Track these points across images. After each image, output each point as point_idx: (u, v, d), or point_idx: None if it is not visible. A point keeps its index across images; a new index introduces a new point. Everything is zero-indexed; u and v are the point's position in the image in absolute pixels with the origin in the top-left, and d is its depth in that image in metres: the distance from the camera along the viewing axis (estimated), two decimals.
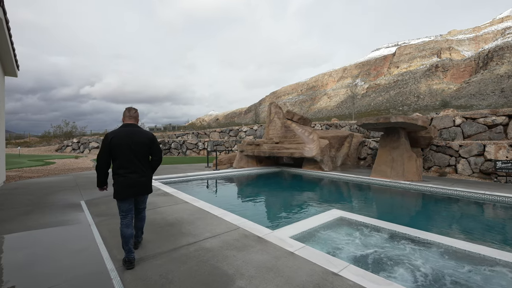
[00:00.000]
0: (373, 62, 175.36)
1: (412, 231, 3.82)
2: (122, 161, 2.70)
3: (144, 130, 2.99)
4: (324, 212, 4.89)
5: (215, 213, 4.49)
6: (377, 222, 4.24)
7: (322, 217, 4.53)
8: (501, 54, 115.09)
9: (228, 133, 22.11)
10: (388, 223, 4.17)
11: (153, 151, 2.93)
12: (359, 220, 4.39)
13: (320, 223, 4.23)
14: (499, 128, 9.94)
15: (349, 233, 4.06)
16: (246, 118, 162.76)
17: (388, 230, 3.96)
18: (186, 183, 8.51)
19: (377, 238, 3.81)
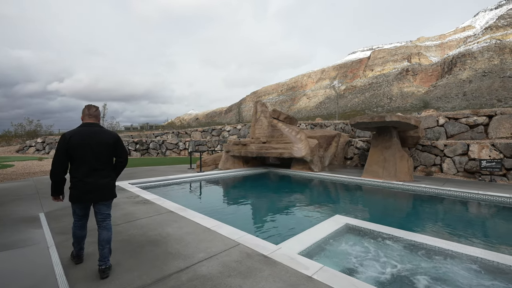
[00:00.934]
0: (349, 64, 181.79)
1: (432, 240, 3.45)
2: (81, 163, 2.49)
3: (107, 130, 2.78)
4: (327, 219, 4.41)
5: (207, 225, 3.83)
6: (389, 230, 3.83)
7: (327, 226, 4.05)
8: (463, 61, 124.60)
9: (210, 132, 21.21)
10: (402, 231, 3.78)
11: (118, 153, 2.72)
12: (368, 228, 3.97)
13: (327, 234, 3.74)
14: (480, 128, 10.24)
15: (361, 245, 3.61)
16: (227, 117, 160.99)
17: (404, 240, 3.56)
18: (168, 187, 7.67)
19: (396, 251, 3.38)
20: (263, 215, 5.34)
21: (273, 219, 5.05)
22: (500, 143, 8.81)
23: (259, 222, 4.90)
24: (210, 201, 6.31)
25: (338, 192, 7.79)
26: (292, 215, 5.36)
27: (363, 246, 3.55)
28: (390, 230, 3.83)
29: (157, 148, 18.86)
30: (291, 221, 4.94)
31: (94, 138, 2.54)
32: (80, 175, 2.48)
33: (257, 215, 5.34)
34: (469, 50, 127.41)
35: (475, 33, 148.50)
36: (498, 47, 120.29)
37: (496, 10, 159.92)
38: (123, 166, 2.82)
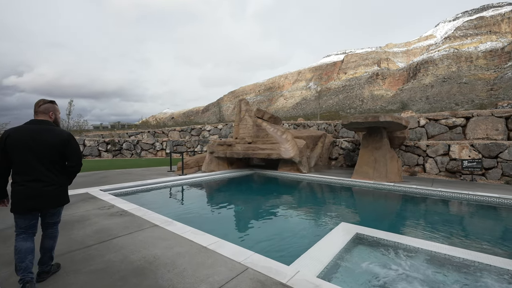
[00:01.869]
0: (324, 67, 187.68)
1: (461, 252, 3.14)
2: (20, 166, 2.26)
3: (58, 128, 2.48)
4: (334, 228, 3.99)
5: (202, 243, 3.19)
6: (406, 239, 3.50)
7: (338, 237, 3.62)
8: (426, 67, 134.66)
9: (189, 132, 20.14)
10: (419, 240, 3.47)
11: (68, 156, 2.45)
12: (382, 238, 3.60)
13: (339, 247, 3.29)
14: (459, 129, 10.64)
15: (380, 259, 3.21)
16: (204, 117, 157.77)
17: (425, 251, 3.23)
18: (148, 193, 6.80)
19: (422, 266, 3.02)
20: (260, 225, 4.79)
21: (273, 229, 4.53)
22: (479, 144, 9.16)
23: (258, 234, 4.34)
24: (199, 210, 5.62)
25: (332, 195, 7.49)
26: (292, 223, 4.88)
27: (382, 261, 3.16)
28: (407, 240, 3.50)
29: (131, 149, 17.41)
30: (293, 231, 4.45)
31: (36, 138, 2.26)
32: (20, 179, 2.25)
33: (254, 225, 4.77)
34: (431, 57, 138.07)
35: (436, 42, 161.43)
36: (456, 56, 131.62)
37: (453, 22, 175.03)
38: (75, 172, 2.56)
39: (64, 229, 3.58)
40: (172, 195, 6.93)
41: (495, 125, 9.81)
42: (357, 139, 12.51)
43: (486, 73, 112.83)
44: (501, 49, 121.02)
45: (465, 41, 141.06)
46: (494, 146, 8.82)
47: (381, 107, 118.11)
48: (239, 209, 5.73)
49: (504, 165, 8.60)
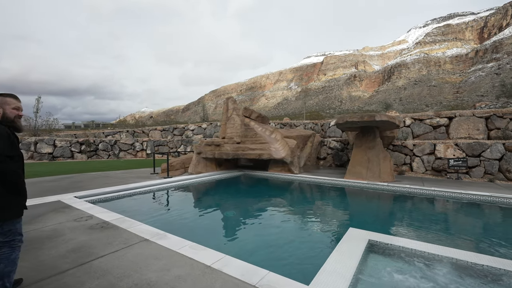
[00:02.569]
0: (305, 68, 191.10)
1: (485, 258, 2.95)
2: None
3: None
4: (344, 235, 3.69)
5: (205, 261, 2.72)
6: (425, 246, 3.27)
7: (351, 246, 3.31)
8: (400, 70, 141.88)
9: (172, 131, 19.17)
10: (439, 247, 3.25)
11: None
12: (397, 245, 3.34)
13: (357, 258, 2.97)
14: (442, 128, 10.96)
15: (401, 270, 2.95)
16: (185, 116, 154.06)
17: (448, 258, 3.01)
18: (131, 200, 6.11)
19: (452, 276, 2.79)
20: (261, 233, 4.37)
21: (277, 237, 4.13)
22: (463, 143, 9.45)
23: (261, 244, 3.92)
24: (192, 218, 5.08)
25: (329, 197, 7.27)
26: (295, 230, 4.53)
27: (404, 272, 2.89)
28: (424, 246, 3.27)
29: (108, 149, 16.17)
30: (298, 239, 4.10)
31: None
32: None
33: (254, 234, 4.35)
34: (403, 61, 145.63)
35: (408, 46, 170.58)
36: (426, 60, 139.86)
37: (424, 28, 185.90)
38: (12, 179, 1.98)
39: (30, 249, 2.94)
40: (159, 201, 6.31)
41: (476, 125, 10.21)
42: (346, 139, 12.52)
43: (452, 77, 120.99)
44: (465, 55, 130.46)
45: (434, 46, 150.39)
46: (477, 145, 9.13)
47: (359, 107, 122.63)
48: (235, 216, 5.28)
49: (486, 164, 8.92)
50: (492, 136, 9.86)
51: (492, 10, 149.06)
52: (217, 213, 5.46)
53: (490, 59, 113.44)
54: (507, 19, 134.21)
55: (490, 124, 9.99)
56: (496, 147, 8.81)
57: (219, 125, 18.35)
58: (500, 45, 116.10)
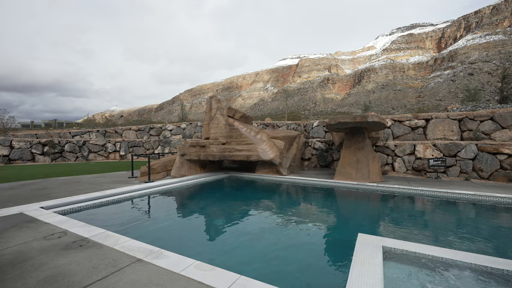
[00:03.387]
0: (281, 70, 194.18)
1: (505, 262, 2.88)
2: None
3: None
4: (357, 243, 3.46)
5: (218, 285, 2.30)
6: (441, 251, 3.16)
7: (368, 257, 3.08)
8: (369, 75, 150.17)
9: (148, 131, 17.98)
10: (453, 251, 3.16)
11: None
12: (413, 251, 3.20)
13: (379, 271, 2.75)
14: (420, 130, 11.48)
15: (426, 280, 2.78)
16: (158, 115, 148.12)
17: (469, 265, 2.91)
18: (110, 208, 5.38)
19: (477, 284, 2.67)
20: (268, 243, 4.01)
21: (284, 248, 3.79)
22: (440, 144, 9.93)
23: (272, 257, 3.55)
24: (185, 228, 4.55)
25: (322, 199, 7.12)
26: (300, 238, 4.23)
27: (430, 282, 2.72)
28: (440, 251, 3.15)
29: (75, 151, 14.64)
30: (308, 250, 3.81)
31: None
32: None
33: (261, 245, 3.98)
34: (372, 66, 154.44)
35: (376, 53, 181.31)
36: (392, 66, 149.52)
37: (390, 36, 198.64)
38: None
39: None
40: (144, 209, 5.65)
41: (450, 126, 10.83)
42: (330, 140, 12.62)
43: (415, 82, 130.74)
44: (426, 62, 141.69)
45: (399, 53, 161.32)
46: (453, 146, 9.64)
47: (332, 109, 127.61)
48: (231, 223, 4.86)
49: (462, 163, 9.45)
50: (465, 137, 10.52)
51: (448, 22, 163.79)
52: (211, 221, 5.00)
53: (447, 67, 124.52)
54: (460, 31, 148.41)
55: (463, 126, 10.66)
56: (470, 147, 9.37)
57: (199, 125, 17.62)
58: (455, 55, 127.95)
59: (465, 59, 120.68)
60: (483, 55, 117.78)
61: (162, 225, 4.60)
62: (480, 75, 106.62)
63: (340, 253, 3.69)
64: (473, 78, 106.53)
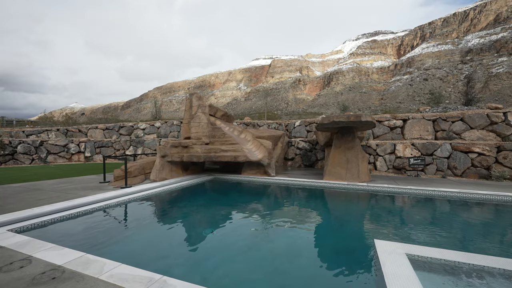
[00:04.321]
0: (254, 69, 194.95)
1: None
2: None
3: None
4: (379, 252, 3.21)
5: None
6: (468, 257, 3.02)
7: (397, 267, 2.85)
8: (337, 77, 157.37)
9: (117, 130, 16.39)
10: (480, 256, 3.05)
11: None
12: (437, 257, 3.03)
13: (417, 285, 2.52)
14: (398, 130, 11.95)
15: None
16: (125, 113, 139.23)
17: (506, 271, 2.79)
18: (83, 221, 4.51)
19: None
20: (271, 256, 3.58)
21: (296, 258, 3.42)
22: (418, 143, 10.39)
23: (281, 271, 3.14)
24: (182, 244, 3.92)
25: (318, 201, 6.90)
26: (309, 246, 3.88)
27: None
28: (467, 257, 3.02)
29: (31, 152, 12.73)
30: (323, 262, 3.47)
31: None
32: None
33: (266, 259, 3.54)
34: (340, 69, 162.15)
35: (344, 56, 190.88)
36: (358, 70, 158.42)
37: (356, 41, 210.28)
38: None
39: None
40: (127, 221, 4.86)
41: (426, 126, 11.42)
42: (314, 139, 12.60)
43: (378, 86, 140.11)
44: (387, 67, 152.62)
45: (364, 58, 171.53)
46: (430, 145, 10.14)
47: (303, 109, 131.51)
48: (228, 233, 4.36)
49: (438, 162, 9.97)
50: (439, 137, 11.16)
51: (407, 31, 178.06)
52: (206, 232, 4.43)
53: (405, 72, 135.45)
54: (417, 40, 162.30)
55: (436, 126, 11.30)
56: (445, 146, 9.92)
57: (175, 124, 16.56)
58: (412, 61, 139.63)
59: (421, 65, 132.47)
60: (436, 62, 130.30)
61: (154, 239, 3.94)
62: (433, 81, 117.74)
63: (362, 263, 3.40)
64: (427, 83, 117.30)
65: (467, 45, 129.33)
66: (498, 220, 5.34)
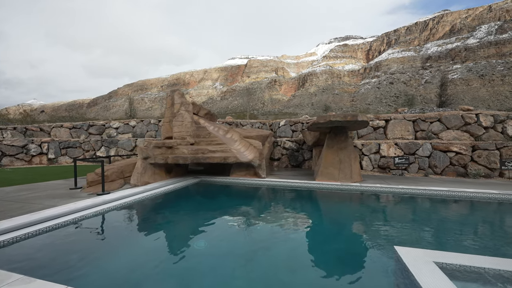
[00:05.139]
0: (230, 69, 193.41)
1: None
2: None
3: None
4: (405, 260, 2.99)
5: None
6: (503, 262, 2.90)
7: (432, 279, 2.63)
8: (311, 79, 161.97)
9: (86, 129, 14.79)
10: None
11: None
12: (468, 265, 2.88)
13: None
14: (381, 130, 12.27)
15: None
16: (91, 111, 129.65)
17: None
18: (53, 238, 3.72)
19: None
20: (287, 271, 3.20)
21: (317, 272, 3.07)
22: (401, 143, 10.71)
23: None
24: (173, 259, 3.37)
25: (319, 204, 6.67)
26: (323, 256, 3.56)
27: None
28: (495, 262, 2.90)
29: None
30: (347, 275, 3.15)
31: None
32: None
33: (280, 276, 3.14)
34: (314, 71, 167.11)
35: (317, 59, 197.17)
36: (330, 72, 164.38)
37: (329, 45, 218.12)
38: None
39: None
40: (110, 237, 4.13)
41: (406, 127, 11.85)
42: (300, 139, 12.46)
43: (349, 88, 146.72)
44: (357, 70, 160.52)
45: (336, 61, 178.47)
46: (412, 145, 10.49)
47: (279, 110, 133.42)
48: (226, 247, 3.89)
49: (419, 161, 10.35)
50: (418, 137, 11.64)
51: (375, 37, 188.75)
52: (202, 246, 3.91)
53: (374, 76, 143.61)
54: (383, 46, 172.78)
55: (416, 126, 11.78)
56: (426, 146, 10.33)
57: (152, 122, 15.45)
58: (379, 65, 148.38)
59: (387, 69, 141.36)
60: (400, 67, 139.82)
61: (142, 261, 3.32)
62: (398, 84, 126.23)
63: (386, 274, 3.13)
64: (393, 86, 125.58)
65: (427, 52, 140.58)
66: (486, 217, 5.51)
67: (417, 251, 3.19)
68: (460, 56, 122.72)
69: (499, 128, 10.60)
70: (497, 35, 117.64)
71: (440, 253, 3.11)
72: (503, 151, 9.49)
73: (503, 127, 10.57)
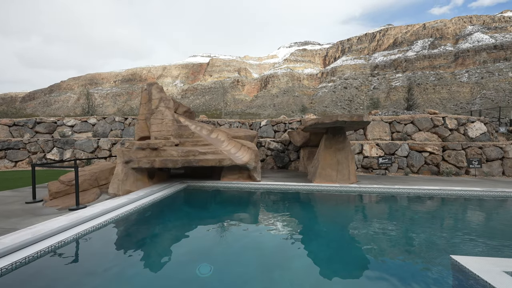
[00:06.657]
0: (191, 66, 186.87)
1: None
2: None
3: None
4: (480, 275, 2.76)
5: None
6: None
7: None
8: (273, 80, 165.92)
9: (31, 127, 12.13)
10: None
11: None
12: None
13: None
14: (361, 130, 12.66)
15: None
16: (28, 107, 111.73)
17: None
18: (14, 280, 2.59)
19: None
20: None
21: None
22: (382, 143, 11.17)
23: None
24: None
25: (324, 207, 6.33)
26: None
27: None
28: None
29: None
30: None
31: None
32: None
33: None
34: (276, 73, 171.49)
35: (279, 61, 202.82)
36: (291, 75, 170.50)
37: (289, 48, 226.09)
38: None
39: None
40: (95, 274, 3.09)
41: (384, 128, 12.45)
42: (286, 139, 12.16)
43: (308, 91, 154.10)
44: (315, 74, 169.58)
45: (296, 64, 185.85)
46: (392, 145, 11.01)
47: (242, 110, 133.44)
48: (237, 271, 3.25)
49: (399, 160, 10.90)
50: (395, 138, 12.32)
51: (330, 44, 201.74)
52: (207, 272, 3.20)
53: (330, 80, 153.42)
54: (338, 53, 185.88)
55: (392, 128, 12.45)
56: (404, 146, 10.93)
57: (117, 120, 13.54)
58: (335, 71, 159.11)
59: (342, 75, 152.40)
60: (353, 73, 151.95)
61: None
62: (351, 89, 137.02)
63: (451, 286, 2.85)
64: (346, 91, 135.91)
65: (375, 61, 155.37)
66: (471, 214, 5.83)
67: (483, 260, 3.01)
68: (402, 66, 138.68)
69: (462, 130, 11.79)
70: (430, 50, 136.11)
71: (503, 260, 2.96)
72: (468, 151, 10.52)
73: (464, 129, 11.78)
